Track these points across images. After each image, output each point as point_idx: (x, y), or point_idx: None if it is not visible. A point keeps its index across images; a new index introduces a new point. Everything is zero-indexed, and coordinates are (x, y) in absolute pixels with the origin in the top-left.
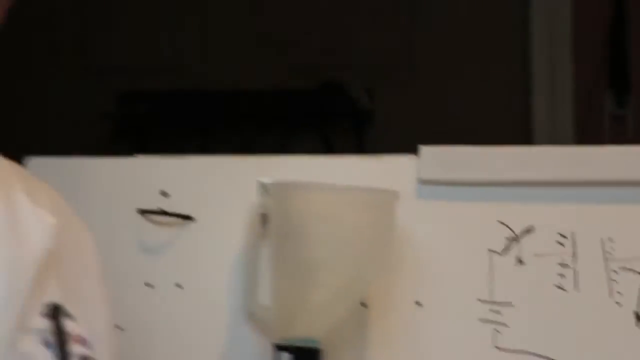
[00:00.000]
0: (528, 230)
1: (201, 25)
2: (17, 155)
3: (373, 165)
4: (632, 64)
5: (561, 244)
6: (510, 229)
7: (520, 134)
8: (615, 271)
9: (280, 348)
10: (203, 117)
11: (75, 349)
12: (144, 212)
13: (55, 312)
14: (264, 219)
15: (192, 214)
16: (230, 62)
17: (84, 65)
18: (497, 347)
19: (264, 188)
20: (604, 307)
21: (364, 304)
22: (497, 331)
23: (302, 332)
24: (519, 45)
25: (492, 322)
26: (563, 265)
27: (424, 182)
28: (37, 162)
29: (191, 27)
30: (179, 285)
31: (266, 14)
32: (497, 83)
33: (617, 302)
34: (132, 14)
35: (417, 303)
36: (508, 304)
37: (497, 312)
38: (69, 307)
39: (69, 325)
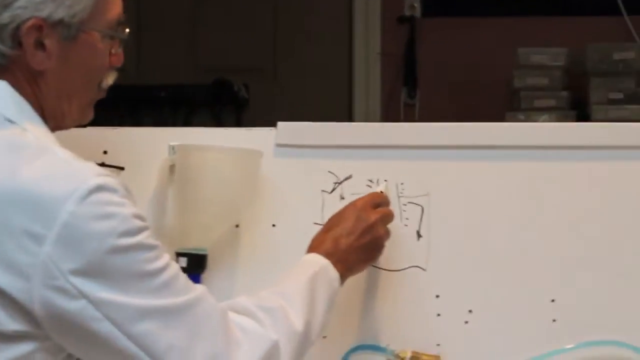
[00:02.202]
0: (348, 178)
1: None
2: None
3: (247, 134)
4: (418, 71)
5: (369, 186)
6: (336, 176)
7: (345, 115)
8: (404, 204)
9: (179, 254)
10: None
11: None
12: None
13: None
14: (171, 169)
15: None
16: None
17: None
18: None
19: (173, 148)
20: (397, 227)
21: (237, 225)
22: None
23: (194, 243)
24: (346, 62)
25: None
26: None
27: (279, 145)
28: None
29: None
30: None
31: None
32: (333, 82)
33: (405, 225)
34: None
35: (273, 225)
36: None
37: None
38: None
39: None
